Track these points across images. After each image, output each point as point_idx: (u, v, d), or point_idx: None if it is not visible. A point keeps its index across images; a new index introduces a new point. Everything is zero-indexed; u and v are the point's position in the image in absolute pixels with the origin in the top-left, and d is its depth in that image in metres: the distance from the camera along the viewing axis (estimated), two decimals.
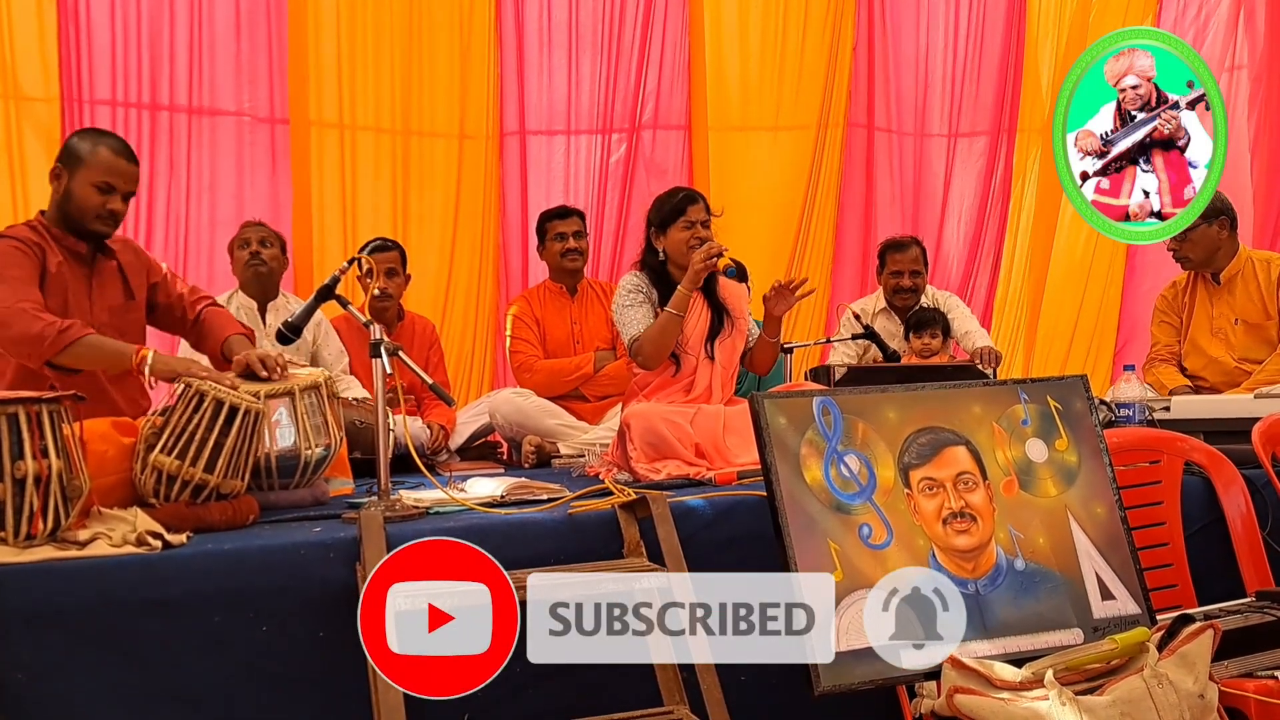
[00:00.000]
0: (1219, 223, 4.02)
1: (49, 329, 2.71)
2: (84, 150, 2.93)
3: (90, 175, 2.90)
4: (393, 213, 5.15)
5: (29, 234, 2.90)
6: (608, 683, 2.37)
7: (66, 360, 2.76)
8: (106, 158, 2.92)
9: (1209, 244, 4.05)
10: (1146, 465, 2.84)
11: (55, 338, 2.71)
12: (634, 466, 3.07)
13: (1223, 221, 4.03)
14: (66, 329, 2.73)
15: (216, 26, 4.78)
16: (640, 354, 3.28)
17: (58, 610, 2.01)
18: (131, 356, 2.75)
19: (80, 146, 2.95)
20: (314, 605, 2.18)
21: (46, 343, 2.71)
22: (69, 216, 2.93)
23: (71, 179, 2.92)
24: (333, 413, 2.84)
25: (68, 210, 2.93)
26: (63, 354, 2.74)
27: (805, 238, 5.83)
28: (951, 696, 1.84)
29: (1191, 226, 3.90)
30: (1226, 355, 4.05)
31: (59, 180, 2.94)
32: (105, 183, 2.91)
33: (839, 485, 2.05)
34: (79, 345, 2.74)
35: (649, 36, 5.51)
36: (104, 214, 2.92)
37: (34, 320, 2.72)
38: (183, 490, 2.39)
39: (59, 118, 4.48)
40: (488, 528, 2.38)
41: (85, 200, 2.90)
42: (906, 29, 5.98)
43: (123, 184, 2.94)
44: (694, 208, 3.34)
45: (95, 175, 2.90)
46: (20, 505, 2.09)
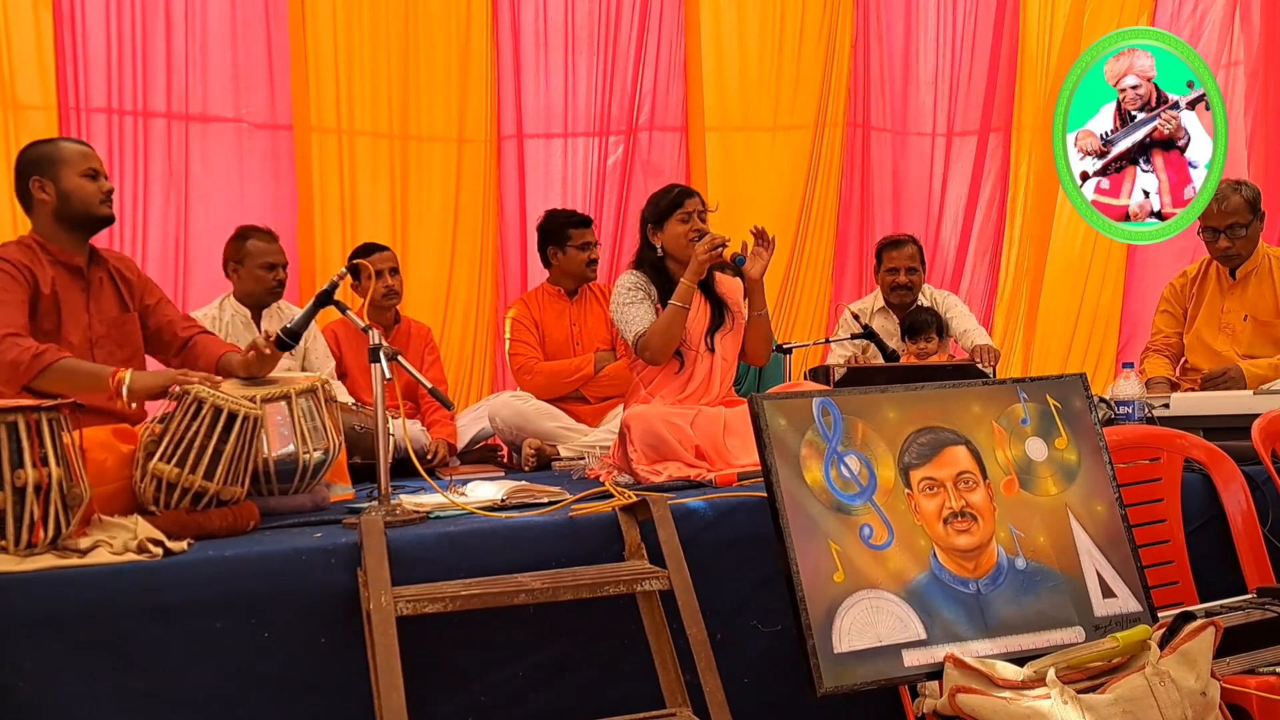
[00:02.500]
0: (1261, 218, 3.97)
1: (24, 354, 2.70)
2: (50, 152, 2.98)
3: (74, 168, 2.95)
4: (392, 217, 5.15)
5: (19, 254, 2.88)
6: (610, 684, 2.38)
7: (43, 385, 2.71)
8: (76, 149, 3.00)
9: (1255, 238, 3.97)
10: (1146, 463, 2.84)
11: (29, 363, 2.70)
12: (634, 469, 3.07)
13: (1263, 216, 3.98)
14: (40, 354, 2.71)
15: (212, 33, 4.77)
16: (648, 349, 3.27)
17: (59, 618, 2.01)
18: (108, 379, 2.71)
19: (44, 150, 3.00)
20: (315, 611, 2.18)
21: (21, 369, 2.70)
22: (73, 216, 2.95)
23: (58, 181, 2.94)
24: (330, 417, 2.84)
25: (70, 211, 2.94)
26: (39, 379, 2.71)
27: (804, 238, 5.84)
28: (953, 696, 1.84)
29: (1245, 224, 3.87)
30: (1231, 351, 3.97)
31: (44, 191, 2.94)
32: (89, 169, 2.97)
33: (839, 486, 2.05)
34: (54, 370, 2.71)
35: (645, 38, 5.51)
36: (104, 196, 2.98)
37: (11, 346, 2.71)
38: (183, 497, 2.39)
39: (55, 126, 4.47)
40: (488, 531, 2.38)
41: (82, 190, 2.94)
42: (903, 29, 5.98)
43: (100, 165, 3.02)
44: (690, 201, 3.36)
45: (79, 166, 2.96)
46: (21, 514, 2.09)
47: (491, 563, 2.31)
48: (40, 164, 2.96)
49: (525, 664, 2.33)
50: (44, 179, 2.94)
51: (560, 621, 2.34)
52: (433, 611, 2.08)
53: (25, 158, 3.00)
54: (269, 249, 4.13)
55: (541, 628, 2.34)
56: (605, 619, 2.38)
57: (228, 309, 4.14)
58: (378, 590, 2.07)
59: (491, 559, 2.32)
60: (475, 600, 2.12)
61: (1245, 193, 3.90)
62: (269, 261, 4.11)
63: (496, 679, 2.31)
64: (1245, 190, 3.90)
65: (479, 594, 2.13)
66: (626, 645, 2.38)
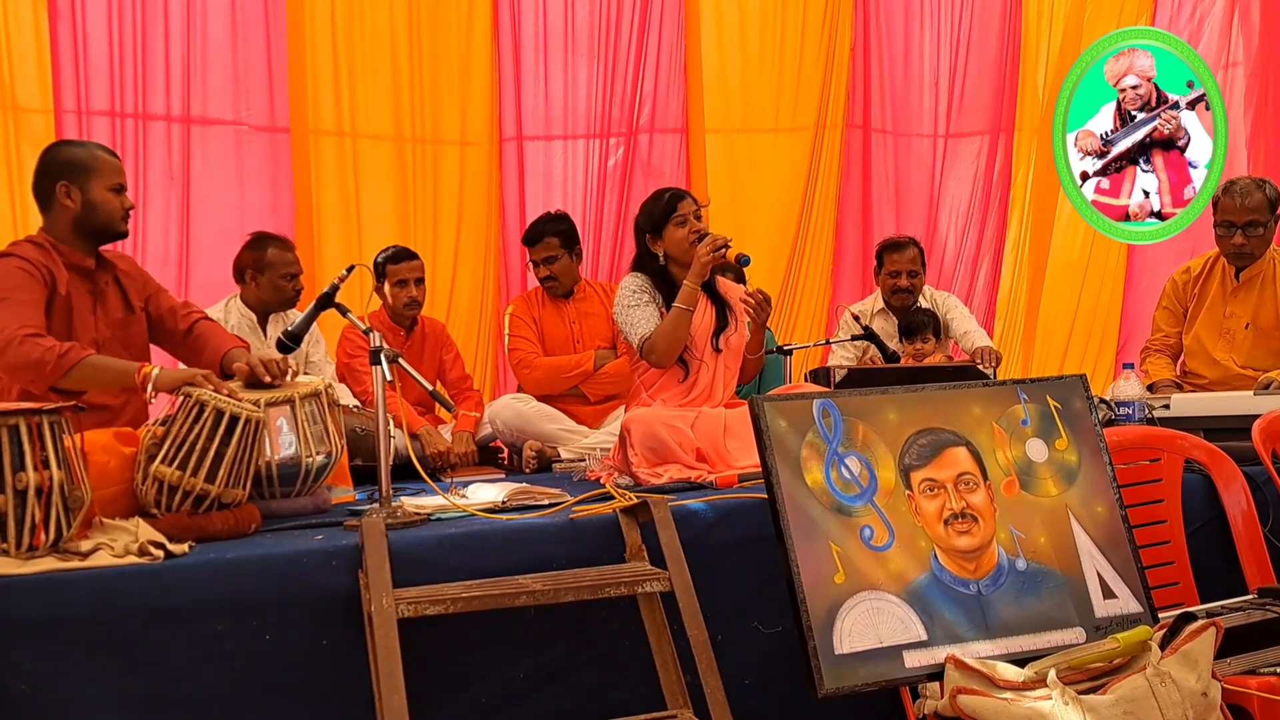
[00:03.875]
0: (1277, 220, 3.92)
1: (48, 354, 2.70)
2: (85, 159, 2.97)
3: (105, 180, 2.96)
4: (394, 221, 5.15)
5: (37, 254, 2.88)
6: (611, 686, 2.38)
7: (70, 384, 2.74)
8: (110, 161, 3.00)
9: (1269, 241, 3.91)
10: (1147, 463, 2.84)
11: (55, 363, 2.70)
12: (635, 471, 3.07)
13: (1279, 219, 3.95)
14: (66, 353, 2.72)
15: (212, 36, 4.78)
16: (654, 352, 3.27)
17: (60, 621, 2.01)
18: (134, 374, 2.73)
19: (79, 155, 2.98)
20: (316, 613, 2.18)
21: (48, 368, 2.71)
22: (93, 227, 2.96)
23: (86, 190, 2.94)
24: (333, 420, 2.84)
25: (91, 221, 2.95)
26: (65, 378, 2.73)
27: (804, 240, 5.84)
28: (954, 697, 1.84)
29: (1264, 222, 3.83)
30: (1230, 360, 3.91)
31: (70, 197, 2.93)
32: (118, 184, 2.99)
33: (840, 487, 2.05)
34: (81, 367, 2.73)
35: (645, 40, 5.51)
36: (125, 213, 3.01)
37: (34, 347, 2.71)
38: (184, 500, 2.39)
39: (55, 129, 4.47)
40: (489, 534, 2.39)
41: (108, 204, 2.96)
42: (902, 30, 5.99)
43: (125, 180, 3.04)
44: (684, 204, 3.35)
45: (109, 179, 2.97)
46: (22, 516, 2.09)
47: (492, 565, 2.31)
48: (72, 169, 2.95)
49: (526, 666, 2.34)
50: (72, 185, 2.93)
51: (561, 623, 2.34)
52: (434, 613, 2.08)
53: (57, 158, 2.99)
54: (290, 258, 4.10)
55: (543, 629, 2.34)
56: (606, 621, 2.38)
57: (234, 312, 4.10)
58: (379, 592, 2.07)
59: (492, 561, 2.32)
60: (476, 602, 2.12)
61: (1269, 191, 3.86)
62: (291, 272, 4.09)
63: (498, 681, 2.31)
64: (1269, 189, 3.87)
65: (480, 596, 2.13)
66: (628, 647, 2.38)
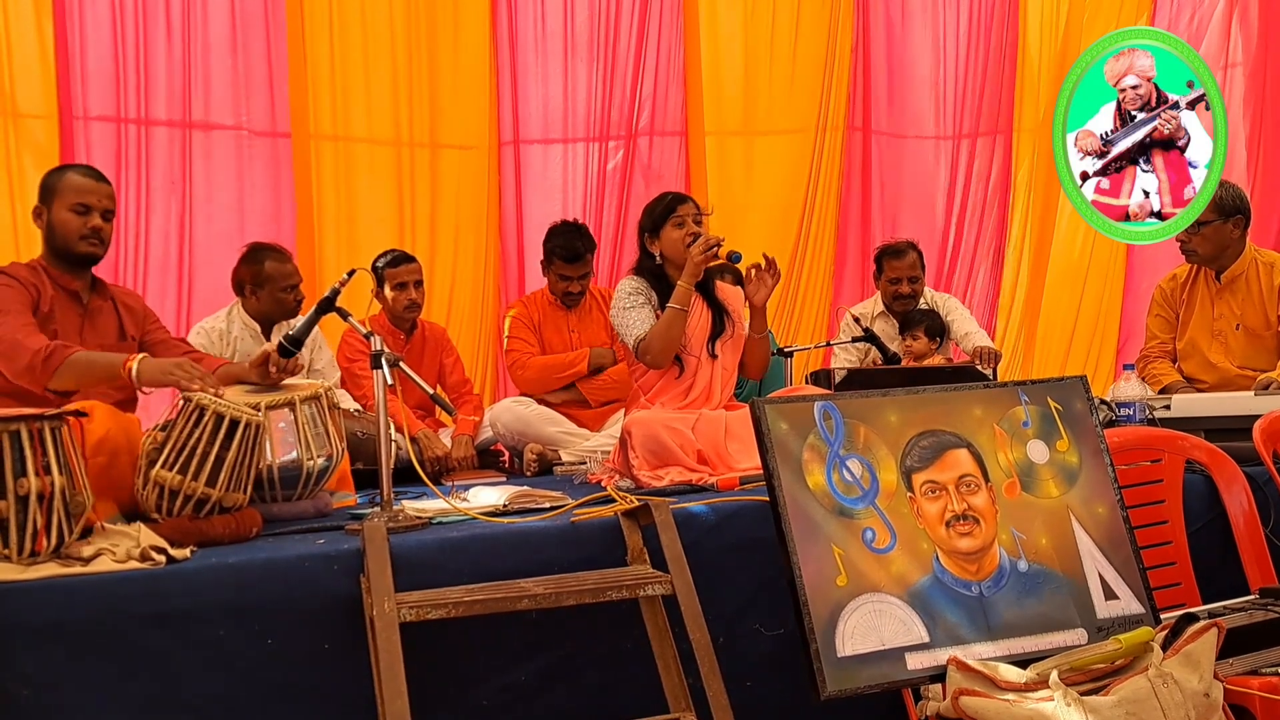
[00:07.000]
0: (1234, 221, 3.89)
1: (35, 358, 2.77)
2: (54, 181, 3.06)
3: (65, 201, 3.02)
4: (394, 225, 5.16)
5: (26, 273, 2.99)
6: (613, 689, 2.38)
7: (62, 382, 2.81)
8: (75, 180, 3.04)
9: (1220, 241, 3.89)
10: (1148, 464, 2.84)
11: (43, 365, 2.78)
12: (636, 473, 3.07)
13: (1238, 220, 3.90)
14: (51, 353, 2.79)
15: (213, 42, 4.79)
16: (648, 353, 3.28)
17: (62, 626, 2.01)
18: (120, 367, 2.79)
19: (50, 180, 3.07)
20: (318, 617, 2.18)
21: (36, 371, 2.78)
22: (57, 248, 3.03)
23: (51, 211, 3.03)
24: (334, 423, 2.84)
25: (55, 243, 3.03)
26: (56, 376, 2.79)
27: (805, 242, 5.84)
28: (956, 699, 1.84)
29: (1206, 220, 3.80)
30: (1226, 361, 3.91)
31: (41, 218, 3.05)
32: (80, 204, 3.01)
33: (841, 489, 2.05)
34: (69, 365, 2.80)
35: (644, 43, 5.51)
36: (86, 233, 3.01)
37: (23, 351, 2.78)
38: (185, 505, 2.40)
39: (57, 135, 4.48)
40: (491, 537, 2.39)
41: (66, 225, 3.00)
42: (901, 32, 5.99)
43: (97, 201, 3.04)
44: (684, 206, 3.37)
45: (69, 199, 3.01)
46: (24, 522, 2.09)
47: (494, 568, 2.31)
48: (45, 192, 3.06)
49: (528, 669, 2.34)
50: (44, 207, 3.04)
51: (563, 626, 2.34)
52: (436, 617, 2.08)
53: (41, 183, 3.10)
54: (288, 270, 4.06)
55: (544, 633, 2.34)
56: (608, 624, 2.38)
57: (236, 322, 4.07)
58: (381, 596, 2.07)
59: (494, 564, 2.32)
60: (478, 606, 2.12)
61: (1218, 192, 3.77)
62: (290, 283, 4.05)
63: (500, 684, 2.31)
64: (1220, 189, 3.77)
65: (482, 600, 2.13)
66: (629, 650, 2.38)
